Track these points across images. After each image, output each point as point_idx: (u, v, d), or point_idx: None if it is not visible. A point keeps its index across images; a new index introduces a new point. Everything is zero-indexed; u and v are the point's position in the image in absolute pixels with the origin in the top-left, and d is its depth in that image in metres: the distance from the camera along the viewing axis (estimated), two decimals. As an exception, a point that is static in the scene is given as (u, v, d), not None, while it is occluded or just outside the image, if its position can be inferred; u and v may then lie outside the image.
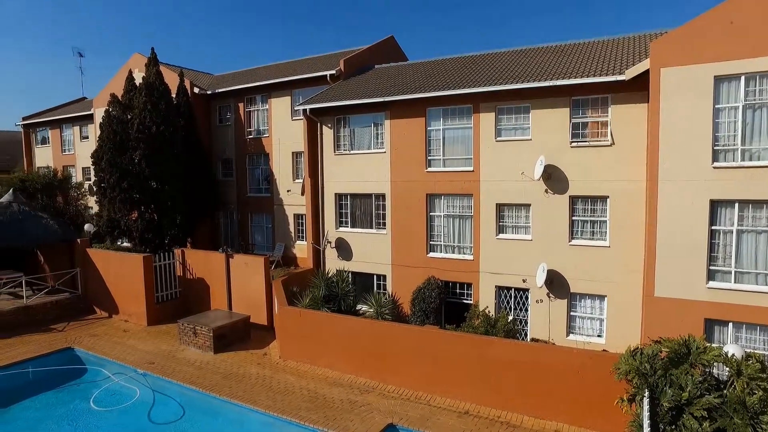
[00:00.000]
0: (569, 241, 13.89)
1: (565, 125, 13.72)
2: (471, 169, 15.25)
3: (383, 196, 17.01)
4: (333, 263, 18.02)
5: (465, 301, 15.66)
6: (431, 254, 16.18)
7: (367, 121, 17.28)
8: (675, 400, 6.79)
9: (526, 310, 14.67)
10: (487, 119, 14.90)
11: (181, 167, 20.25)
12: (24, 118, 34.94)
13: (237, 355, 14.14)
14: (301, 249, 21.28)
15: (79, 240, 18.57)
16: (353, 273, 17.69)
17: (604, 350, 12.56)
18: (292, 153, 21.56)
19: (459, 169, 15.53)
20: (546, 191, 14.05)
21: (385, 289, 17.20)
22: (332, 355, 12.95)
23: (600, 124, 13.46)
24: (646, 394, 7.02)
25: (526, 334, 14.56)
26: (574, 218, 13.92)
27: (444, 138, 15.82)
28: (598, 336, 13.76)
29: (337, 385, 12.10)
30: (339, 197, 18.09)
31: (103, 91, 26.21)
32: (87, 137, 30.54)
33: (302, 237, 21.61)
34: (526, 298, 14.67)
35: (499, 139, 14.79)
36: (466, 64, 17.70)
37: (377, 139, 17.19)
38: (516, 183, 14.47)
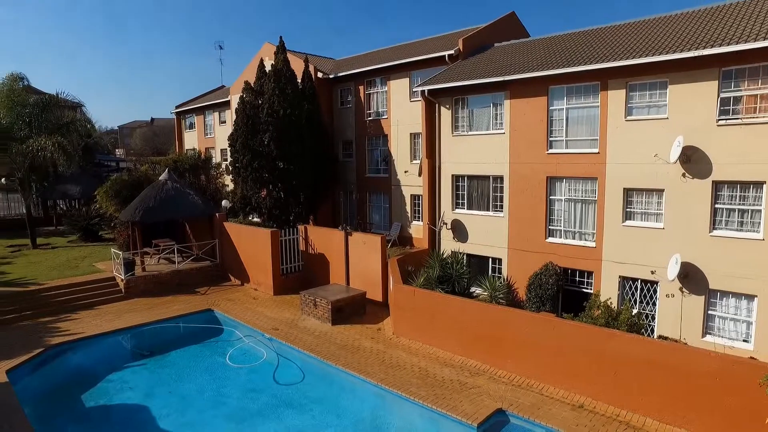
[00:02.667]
0: (710, 232, 12.41)
1: (712, 101, 12.15)
2: (596, 150, 14.24)
3: (501, 178, 16.59)
4: (448, 244, 18.08)
5: (584, 290, 14.84)
6: (550, 239, 15.51)
7: (486, 101, 16.87)
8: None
9: (654, 304, 13.50)
10: (616, 97, 13.74)
11: (306, 148, 21.52)
12: (176, 107, 39.56)
13: (353, 328, 14.90)
14: (417, 229, 21.62)
15: (217, 214, 20.72)
16: (468, 255, 17.59)
17: (751, 357, 11.16)
18: (410, 134, 21.82)
19: (583, 151, 14.58)
20: (683, 175, 12.66)
21: (500, 272, 16.89)
22: (444, 335, 13.11)
23: (759, 98, 11.69)
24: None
25: (652, 330, 13.44)
26: (717, 206, 12.39)
27: (567, 118, 14.92)
28: (744, 341, 12.20)
29: (448, 366, 12.25)
30: (456, 178, 17.99)
31: (238, 79, 28.60)
32: (225, 122, 33.70)
33: (418, 217, 21.92)
34: (655, 291, 13.48)
35: (629, 118, 13.58)
36: (592, 38, 16.39)
37: (496, 119, 16.73)
38: (647, 166, 13.23)
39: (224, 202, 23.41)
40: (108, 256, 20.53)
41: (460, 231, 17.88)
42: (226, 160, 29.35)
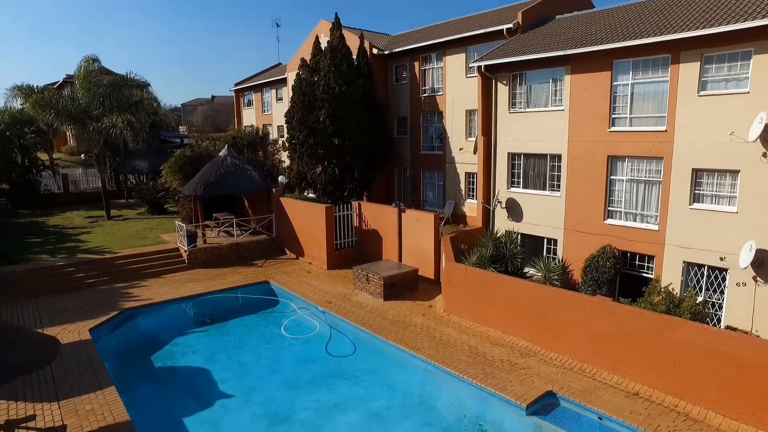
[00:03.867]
0: (790, 217, 11.54)
1: (800, 74, 11.13)
2: (663, 128, 13.45)
3: (558, 156, 16.05)
4: (502, 223, 17.81)
5: (644, 275, 14.25)
6: (609, 221, 14.94)
7: (545, 76, 16.26)
8: None
9: (722, 293, 12.78)
10: (688, 70, 12.85)
11: (361, 125, 21.63)
12: (235, 85, 40.66)
13: (404, 304, 15.08)
14: (471, 207, 21.40)
15: (274, 190, 21.32)
16: (522, 235, 17.27)
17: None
18: (466, 111, 21.45)
19: (648, 129, 13.82)
20: (764, 155, 11.76)
21: (554, 253, 16.50)
22: (495, 314, 13.04)
23: None
24: None
25: (718, 320, 12.77)
26: (800, 189, 11.47)
27: (632, 94, 14.14)
28: (821, 332, 11.40)
29: (498, 345, 12.22)
30: (512, 156, 17.58)
31: (294, 56, 28.95)
32: (281, 99, 34.33)
33: (472, 195, 21.68)
34: (723, 279, 12.75)
35: (702, 93, 12.69)
36: (662, 8, 15.29)
37: (555, 96, 16.11)
38: (721, 145, 12.38)
39: (281, 178, 24.05)
40: (172, 228, 21.67)
41: (514, 210, 17.55)
42: (282, 136, 30.04)
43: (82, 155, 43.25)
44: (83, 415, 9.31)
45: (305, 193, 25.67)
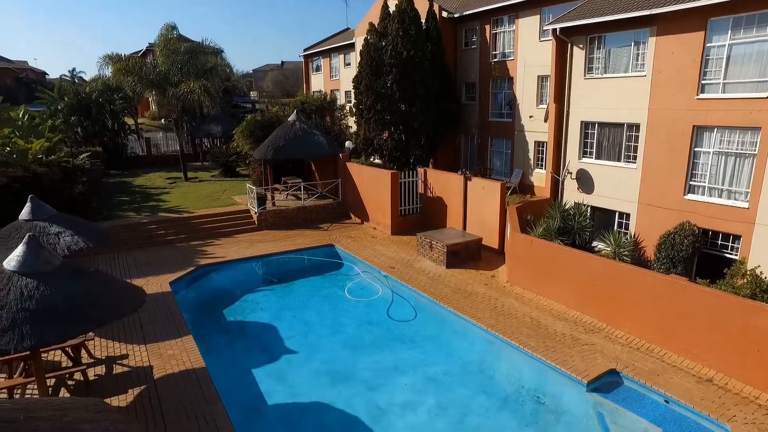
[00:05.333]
0: None
1: None
2: (764, 94, 12.21)
3: (637, 126, 15.07)
4: (571, 195, 17.14)
5: (727, 255, 13.30)
6: (689, 196, 13.97)
7: (627, 39, 15.14)
8: None
9: (818, 276, 11.70)
10: (798, 30, 11.49)
11: (428, 91, 21.29)
12: (304, 50, 41.05)
13: (466, 272, 15.05)
14: (539, 177, 20.73)
15: (341, 155, 21.62)
16: (592, 207, 16.57)
17: None
18: (537, 77, 20.52)
19: (745, 96, 12.58)
20: None
21: (626, 228, 15.73)
22: (560, 288, 12.74)
23: None
24: None
25: (811, 306, 11.74)
26: None
27: (729, 56, 12.87)
28: None
29: (561, 319, 11.97)
30: (585, 125, 16.72)
31: (362, 21, 28.65)
32: (349, 64, 34.31)
33: (541, 165, 20.96)
34: (821, 262, 11.64)
35: (813, 56, 11.35)
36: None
37: (636, 60, 15.01)
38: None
39: (347, 143, 24.29)
40: (243, 190, 22.66)
41: (585, 181, 16.79)
42: (350, 102, 30.18)
43: (163, 120, 45.78)
44: (166, 359, 10.21)
45: (371, 159, 25.84)
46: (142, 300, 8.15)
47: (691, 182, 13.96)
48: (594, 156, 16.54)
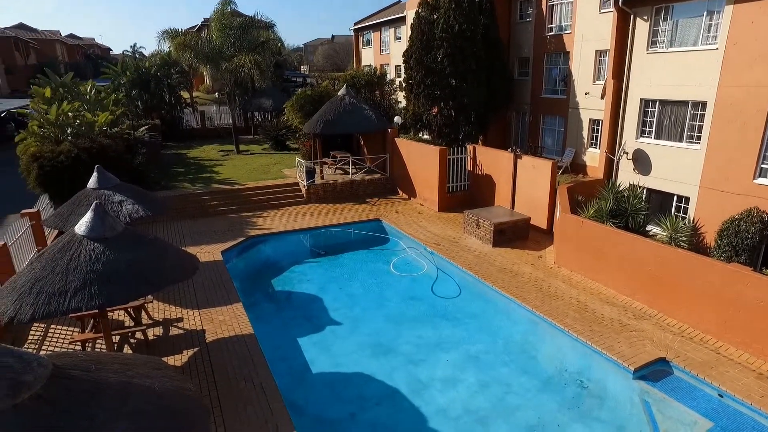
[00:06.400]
0: None
1: None
2: None
3: (703, 104, 14.18)
4: (626, 176, 16.45)
5: (798, 244, 12.47)
6: (760, 180, 13.09)
7: (698, 9, 14.14)
8: None
9: None
10: None
11: (480, 66, 20.78)
12: (355, 24, 40.79)
13: (513, 252, 14.85)
14: (593, 157, 20.01)
15: (389, 130, 21.57)
16: (648, 189, 15.86)
17: None
18: (595, 51, 19.60)
19: (828, 72, 11.57)
20: None
21: (684, 213, 14.99)
22: (609, 272, 12.37)
23: None
24: None
25: None
26: None
27: (812, 29, 11.82)
28: None
29: (609, 304, 11.67)
30: (645, 103, 15.89)
31: (416, -9, 28.11)
32: (400, 38, 33.87)
33: (595, 144, 20.20)
34: None
35: None
36: None
37: (708, 32, 14.02)
38: None
39: (396, 118, 24.20)
40: (293, 164, 23.07)
41: (642, 162, 16.05)
42: (399, 76, 29.89)
43: (216, 94, 46.95)
44: (217, 324, 10.72)
45: (420, 135, 25.66)
46: (195, 267, 8.57)
47: (762, 165, 13.07)
48: (653, 135, 15.74)
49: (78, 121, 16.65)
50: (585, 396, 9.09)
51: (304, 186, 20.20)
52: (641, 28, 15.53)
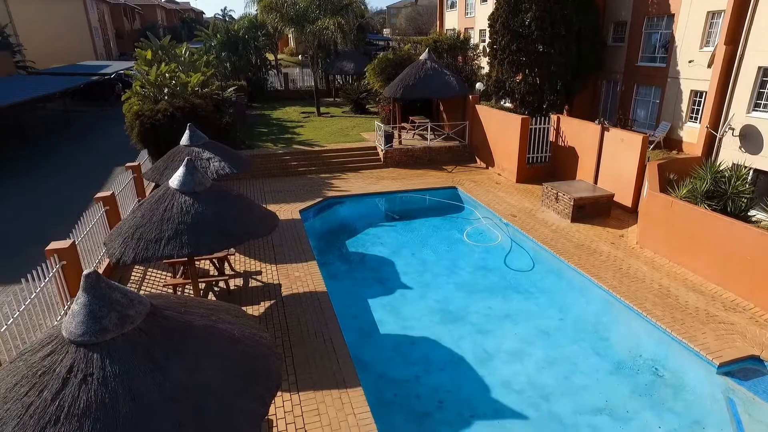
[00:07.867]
0: None
1: None
2: None
3: (833, 75, 12.51)
4: (729, 154, 15.02)
5: None
6: None
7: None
8: None
9: None
10: None
11: (570, 30, 19.51)
12: (440, -17, 39.47)
13: (592, 229, 14.21)
14: (690, 132, 18.40)
15: (470, 96, 21.01)
16: (755, 171, 14.41)
17: None
18: (707, 13, 17.67)
19: None
20: None
21: (797, 197, 13.51)
22: (699, 257, 11.51)
23: None
24: None
25: None
26: None
27: None
28: None
29: (696, 291, 10.91)
30: (763, 72, 14.24)
31: (508, -51, 26.59)
32: (485, 0, 32.40)
33: (694, 118, 18.52)
34: None
35: None
36: None
37: None
38: None
39: (478, 85, 23.49)
40: (371, 127, 23.22)
41: (752, 139, 14.53)
42: (483, 41, 28.82)
43: (300, 56, 47.81)
44: (293, 280, 11.29)
45: (502, 102, 24.78)
46: (275, 224, 9.02)
47: None
48: None
49: (173, 82, 17.70)
50: (660, 385, 8.67)
51: (382, 150, 20.33)
52: (764, -13, 13.80)
